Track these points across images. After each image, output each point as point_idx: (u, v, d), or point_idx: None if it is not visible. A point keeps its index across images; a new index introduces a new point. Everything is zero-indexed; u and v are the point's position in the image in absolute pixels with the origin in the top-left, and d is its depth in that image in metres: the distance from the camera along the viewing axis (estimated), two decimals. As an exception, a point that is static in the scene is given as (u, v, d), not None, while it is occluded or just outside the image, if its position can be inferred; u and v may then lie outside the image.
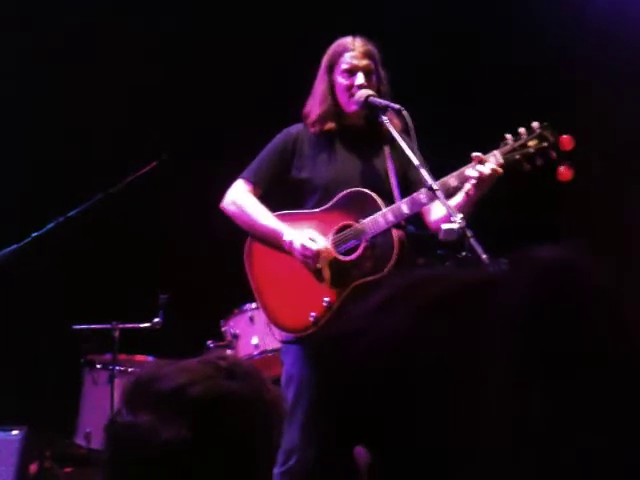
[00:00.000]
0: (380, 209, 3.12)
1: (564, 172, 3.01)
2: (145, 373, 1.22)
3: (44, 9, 5.19)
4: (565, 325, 0.68)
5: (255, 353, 4.08)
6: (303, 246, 3.14)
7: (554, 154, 3.02)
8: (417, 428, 0.69)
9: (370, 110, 3.21)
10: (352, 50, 3.22)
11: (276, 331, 3.28)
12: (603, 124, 4.93)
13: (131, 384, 1.23)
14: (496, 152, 3.05)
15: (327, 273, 3.17)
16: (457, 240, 2.91)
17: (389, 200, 3.16)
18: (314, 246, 3.14)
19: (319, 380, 0.77)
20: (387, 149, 3.27)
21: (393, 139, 3.17)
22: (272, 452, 1.26)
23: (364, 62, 3.21)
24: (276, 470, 3.10)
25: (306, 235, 3.16)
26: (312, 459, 0.77)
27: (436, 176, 3.03)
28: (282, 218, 3.26)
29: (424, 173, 2.99)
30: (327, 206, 3.22)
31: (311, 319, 3.13)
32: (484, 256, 2.78)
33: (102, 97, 5.13)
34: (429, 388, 0.69)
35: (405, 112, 3.07)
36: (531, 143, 3.03)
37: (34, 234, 3.80)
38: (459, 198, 3.07)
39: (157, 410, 1.14)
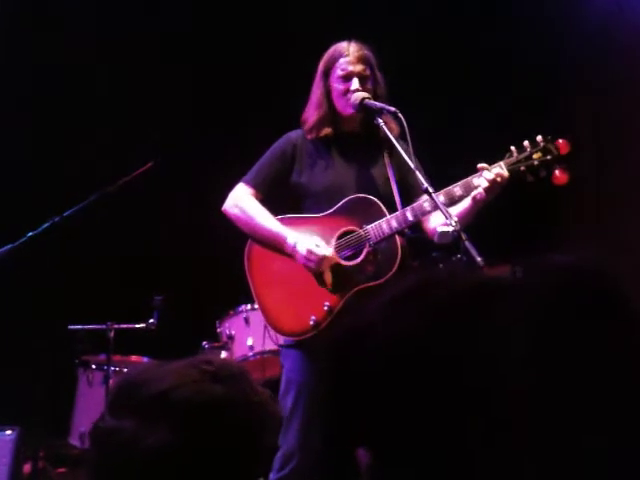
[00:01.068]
0: (384, 215, 3.12)
1: (559, 176, 3.03)
2: (130, 377, 1.21)
3: (44, 8, 5.18)
4: (580, 329, 0.67)
5: (250, 354, 4.08)
6: (309, 251, 3.13)
7: (557, 167, 3.04)
8: (422, 425, 0.68)
9: (366, 113, 3.20)
10: (347, 55, 3.22)
11: (275, 335, 3.26)
12: (602, 125, 4.93)
13: (115, 388, 1.22)
14: (501, 163, 3.07)
15: (329, 277, 3.16)
16: (452, 243, 2.91)
17: (389, 205, 3.16)
18: (320, 252, 3.13)
19: (330, 370, 0.76)
20: (386, 154, 3.27)
21: (390, 143, 3.17)
22: (262, 456, 1.24)
23: (359, 67, 3.21)
24: (273, 476, 3.09)
25: (312, 241, 3.16)
26: (314, 459, 0.77)
27: (440, 185, 3.04)
28: (285, 222, 3.26)
29: (419, 177, 2.99)
30: (330, 211, 3.22)
31: (311, 323, 3.12)
32: (479, 259, 2.77)
33: (100, 96, 5.13)
34: (438, 385, 0.68)
35: (400, 115, 3.06)
36: (535, 156, 3.07)
37: (30, 234, 3.79)
38: (465, 204, 3.08)
39: (141, 415, 1.13)
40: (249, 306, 4.11)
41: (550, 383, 0.66)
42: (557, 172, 3.04)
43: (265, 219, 3.25)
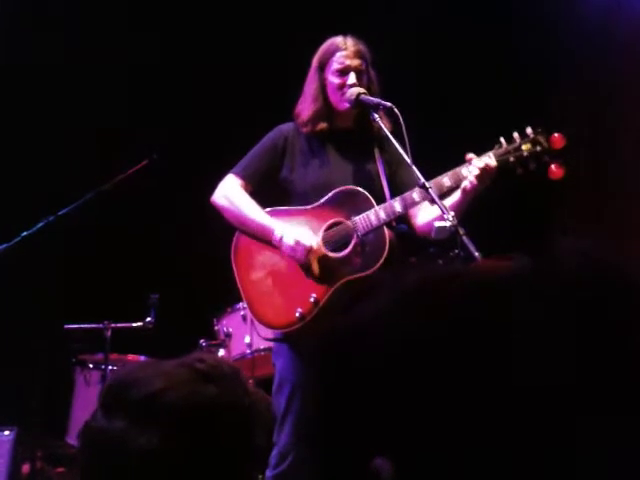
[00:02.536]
0: (372, 207, 3.11)
1: (555, 170, 3.02)
2: (121, 376, 1.20)
3: (42, 6, 5.17)
4: (599, 319, 0.65)
5: (248, 352, 4.07)
6: (296, 241, 3.12)
7: (547, 159, 3.02)
8: (438, 431, 0.65)
9: (361, 108, 3.19)
10: (344, 50, 3.21)
11: (262, 329, 3.25)
12: (599, 124, 4.92)
13: (107, 387, 1.20)
14: (490, 154, 3.06)
15: (315, 269, 3.15)
16: (449, 238, 2.89)
17: (380, 202, 3.15)
18: (307, 242, 3.12)
19: (326, 370, 0.73)
20: (377, 150, 3.26)
21: (382, 140, 3.17)
22: (255, 457, 1.23)
23: (356, 62, 3.20)
24: (269, 473, 3.10)
25: (299, 231, 3.14)
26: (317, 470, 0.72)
27: (429, 176, 3.02)
28: (273, 214, 3.25)
29: (416, 172, 2.98)
30: (319, 203, 3.20)
31: (297, 315, 3.11)
32: (476, 254, 2.76)
33: (95, 95, 5.11)
34: (451, 390, 0.66)
35: (396, 110, 3.05)
36: (525, 147, 3.05)
37: (24, 233, 3.78)
38: (455, 197, 3.06)
39: (132, 416, 1.11)
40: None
41: (564, 381, 0.64)
42: (553, 167, 3.02)
43: (253, 211, 3.23)
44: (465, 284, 0.70)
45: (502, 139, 3.07)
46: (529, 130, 3.06)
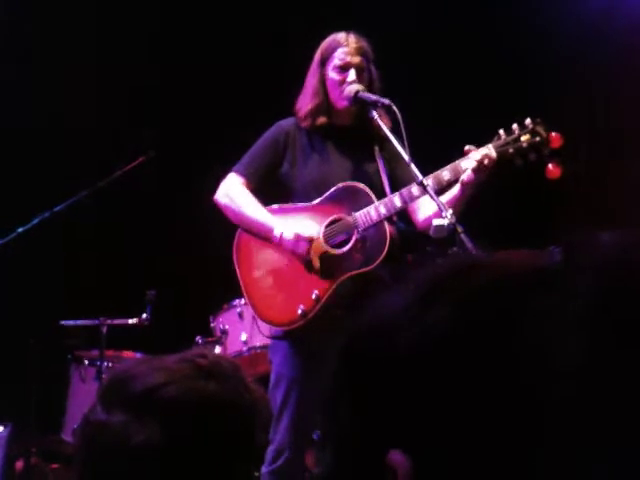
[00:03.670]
0: (372, 202, 3.11)
1: (553, 169, 3.01)
2: (121, 370, 1.19)
3: (44, 8, 5.16)
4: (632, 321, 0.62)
5: (244, 349, 4.06)
6: (296, 235, 3.11)
7: (546, 150, 3.01)
8: (463, 433, 0.63)
9: (360, 106, 3.18)
10: (345, 46, 3.21)
11: (263, 326, 3.25)
12: (597, 123, 4.92)
13: (107, 381, 1.20)
14: (489, 145, 3.05)
15: (317, 266, 3.14)
16: (448, 236, 2.89)
17: (380, 198, 3.15)
18: (307, 235, 3.12)
19: (348, 379, 0.70)
20: (376, 147, 3.25)
21: (382, 136, 3.16)
22: (252, 454, 1.22)
23: (357, 59, 3.20)
24: (264, 469, 3.09)
25: (297, 227, 3.14)
26: (330, 462, 0.70)
27: (428, 170, 3.02)
28: (274, 211, 3.24)
29: (414, 169, 2.98)
30: (319, 199, 3.21)
31: (299, 312, 3.11)
32: (475, 252, 2.76)
33: (91, 93, 5.10)
34: (479, 387, 0.63)
35: (395, 107, 3.04)
36: (524, 138, 3.04)
37: (20, 229, 3.77)
38: (455, 191, 3.06)
39: (131, 410, 1.11)
40: (243, 301, 4.07)
41: (585, 381, 0.62)
42: (550, 166, 3.01)
43: (253, 209, 3.23)
44: (488, 279, 0.68)
45: (501, 131, 3.07)
46: (528, 121, 3.06)
